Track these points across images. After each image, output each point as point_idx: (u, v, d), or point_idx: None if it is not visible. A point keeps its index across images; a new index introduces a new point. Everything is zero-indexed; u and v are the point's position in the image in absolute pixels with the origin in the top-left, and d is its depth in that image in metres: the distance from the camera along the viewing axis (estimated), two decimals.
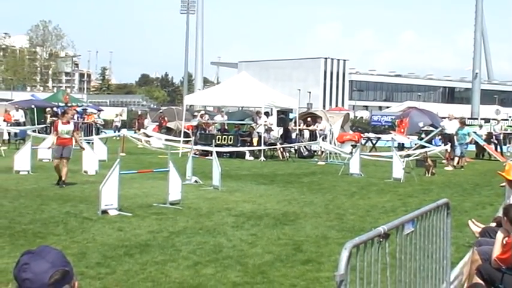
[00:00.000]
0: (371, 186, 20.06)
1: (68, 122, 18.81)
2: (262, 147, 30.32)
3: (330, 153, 29.64)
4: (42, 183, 18.21)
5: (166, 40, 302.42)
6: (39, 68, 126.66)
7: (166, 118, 44.02)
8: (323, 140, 31.79)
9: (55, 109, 46.06)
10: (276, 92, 38.06)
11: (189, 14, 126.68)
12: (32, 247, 8.69)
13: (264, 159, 29.79)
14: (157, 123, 44.19)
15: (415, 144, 32.46)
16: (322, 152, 31.00)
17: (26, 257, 2.88)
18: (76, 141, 19.14)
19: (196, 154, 27.75)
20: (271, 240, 11.15)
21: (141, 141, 34.55)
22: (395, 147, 27.95)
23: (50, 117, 42.90)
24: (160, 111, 50.59)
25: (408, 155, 26.89)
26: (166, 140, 34.56)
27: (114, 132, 43.70)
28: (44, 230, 11.44)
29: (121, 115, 59.38)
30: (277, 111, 34.52)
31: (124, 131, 33.56)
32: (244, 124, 34.91)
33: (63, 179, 17.95)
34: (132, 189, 16.93)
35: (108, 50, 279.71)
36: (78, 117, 43.84)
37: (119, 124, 52.24)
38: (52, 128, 20.79)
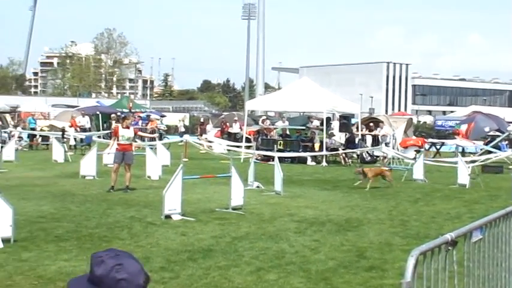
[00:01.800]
0: (435, 192, 19.73)
1: (128, 128, 18.88)
2: (324, 152, 30.18)
3: (393, 158, 29.29)
4: (107, 188, 18.45)
5: (227, 46, 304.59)
6: (104, 75, 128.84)
7: (228, 123, 44.22)
8: (386, 145, 31.44)
9: (119, 115, 46.76)
10: (337, 97, 37.86)
11: (250, 19, 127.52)
12: (98, 251, 8.78)
13: (326, 165, 29.65)
14: (219, 129, 44.41)
15: (481, 150, 31.85)
16: (385, 157, 30.67)
17: (114, 258, 2.81)
18: (137, 147, 19.05)
19: (258, 159, 27.77)
20: (334, 246, 11.07)
21: (204, 147, 34.76)
22: (459, 152, 27.45)
23: (115, 123, 43.56)
24: (222, 116, 50.90)
25: (473, 161, 26.36)
26: (228, 145, 34.70)
27: (181, 136, 44.14)
28: (110, 234, 11.60)
29: (183, 121, 59.98)
30: (339, 116, 34.31)
31: (187, 137, 33.80)
32: (305, 129, 34.81)
33: (127, 184, 18.18)
34: (194, 194, 17.05)
35: (171, 57, 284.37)
36: (142, 123, 44.42)
37: (182, 129, 52.72)
38: (112, 133, 21.00)
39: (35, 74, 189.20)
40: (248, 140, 34.73)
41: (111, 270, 2.72)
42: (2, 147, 27.30)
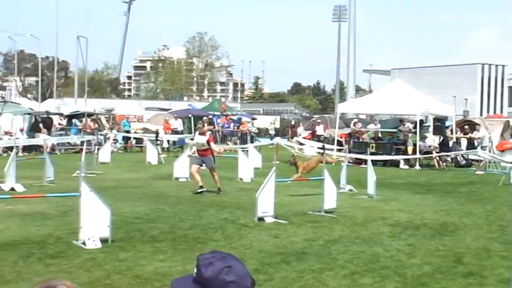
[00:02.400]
0: None
1: (204, 134, 18.80)
2: (417, 155, 29.70)
3: (489, 162, 28.54)
4: (198, 190, 18.69)
5: (318, 48, 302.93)
6: (195, 78, 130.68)
7: (319, 126, 44.14)
8: (482, 148, 30.65)
9: (211, 118, 47.33)
10: (431, 99, 37.17)
11: (340, 22, 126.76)
12: (193, 252, 8.95)
13: (419, 168, 29.17)
14: (310, 131, 44.36)
15: None
16: (480, 161, 29.91)
17: (222, 261, 2.83)
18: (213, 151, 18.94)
19: (350, 162, 27.56)
20: (430, 251, 10.86)
21: (295, 149, 34.77)
22: None
23: (207, 125, 44.13)
24: (313, 119, 50.81)
25: None
26: (319, 148, 34.61)
27: (271, 139, 44.35)
28: (203, 235, 11.74)
29: (274, 123, 60.22)
30: (433, 119, 33.69)
31: (278, 139, 33.90)
32: (398, 132, 34.33)
33: (218, 186, 18.33)
34: (287, 197, 17.07)
35: (261, 60, 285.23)
36: (233, 125, 44.85)
37: (272, 132, 52.93)
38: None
39: (129, 77, 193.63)
40: (339, 143, 34.53)
41: (220, 273, 2.74)
42: (98, 149, 28.06)
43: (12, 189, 17.43)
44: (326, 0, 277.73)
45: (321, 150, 32.15)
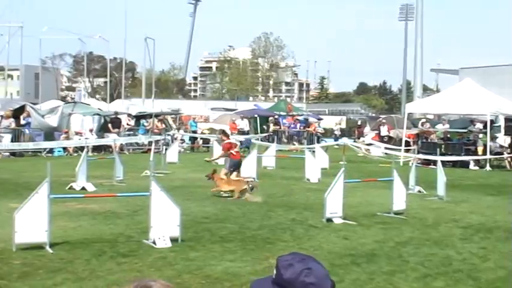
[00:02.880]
0: None
1: (228, 137, 20.58)
2: (488, 156, 29.11)
3: None
4: (268, 190, 18.70)
5: (384, 48, 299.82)
6: (260, 79, 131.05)
7: (386, 126, 43.72)
8: None
9: (277, 118, 47.38)
10: (503, 98, 36.35)
11: (407, 21, 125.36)
12: (262, 252, 8.95)
13: (490, 169, 28.59)
14: (377, 132, 43.98)
15: None
16: None
17: (302, 262, 2.81)
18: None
19: (419, 163, 27.19)
20: (504, 254, 10.61)
21: (361, 150, 34.56)
22: None
23: (273, 125, 44.18)
24: (380, 119, 50.36)
25: None
26: (386, 148, 34.31)
27: (335, 140, 44.16)
28: (272, 236, 11.73)
29: (340, 124, 59.92)
30: (505, 118, 32.97)
31: (345, 140, 33.74)
32: (467, 132, 33.73)
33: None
34: (355, 198, 16.92)
35: (327, 60, 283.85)
36: (300, 126, 44.74)
37: (338, 133, 52.67)
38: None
39: (195, 78, 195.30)
40: (407, 144, 34.13)
41: (300, 274, 2.71)
42: (166, 149, 28.38)
43: (83, 188, 17.75)
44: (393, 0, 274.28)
45: (388, 151, 31.95)
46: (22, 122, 33.33)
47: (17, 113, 33.62)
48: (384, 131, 42.35)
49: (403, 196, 14.81)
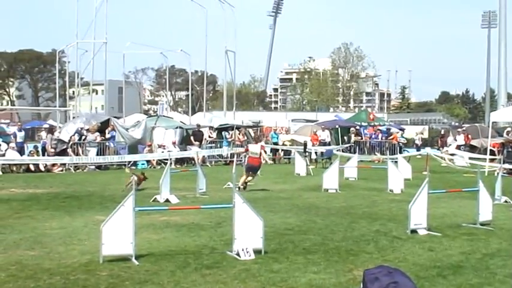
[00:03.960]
0: None
1: (257, 143, 23.62)
2: None
3: None
4: (350, 202, 18.60)
5: (466, 56, 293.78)
6: (341, 89, 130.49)
7: (469, 136, 42.83)
8: None
9: (358, 128, 46.98)
10: None
11: (490, 28, 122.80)
12: (346, 264, 8.88)
13: None
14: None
15: None
16: None
17: (388, 276, 2.79)
18: (264, 159, 22.60)
19: (504, 173, 26.49)
20: None
21: (445, 160, 33.93)
22: None
23: (354, 136, 43.83)
24: (463, 128, 49.38)
25: None
26: (470, 158, 33.58)
27: (417, 150, 43.49)
28: (356, 247, 11.62)
29: (422, 133, 59.03)
30: None
31: (428, 150, 33.20)
32: None
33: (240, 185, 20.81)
34: (439, 209, 16.61)
35: (407, 69, 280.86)
36: (382, 136, 44.24)
37: (419, 142, 51.84)
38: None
39: (275, 90, 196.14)
40: (492, 153, 33.34)
41: None
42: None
43: (167, 200, 18.00)
44: (475, 7, 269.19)
45: (472, 161, 31.25)
46: (107, 135, 34.13)
47: (102, 127, 34.46)
48: (460, 140, 41.33)
49: (489, 206, 14.45)
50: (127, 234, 10.24)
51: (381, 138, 43.65)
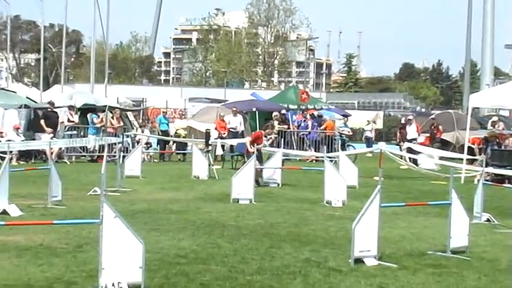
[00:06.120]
0: None
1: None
2: None
3: None
4: (270, 218, 18.73)
5: (439, 14, 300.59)
6: (261, 57, 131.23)
7: (440, 127, 43.72)
8: None
9: (284, 112, 47.28)
10: None
11: None
12: None
13: None
14: (428, 135, 43.98)
15: None
16: None
17: None
18: None
19: (487, 180, 27.19)
20: None
21: (405, 160, 34.56)
22: None
23: (279, 124, 44.10)
24: (432, 117, 50.40)
25: None
26: (441, 158, 34.31)
27: (368, 146, 44.16)
28: (277, 283, 11.72)
29: (374, 122, 59.96)
30: None
31: (382, 145, 33.69)
32: None
33: None
34: (396, 229, 16.94)
35: (356, 30, 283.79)
36: (312, 124, 44.64)
37: (370, 135, 52.68)
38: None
39: (166, 55, 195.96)
40: (471, 152, 34.14)
41: None
42: (123, 157, 28.29)
43: (4, 212, 17.73)
44: None
45: (445, 163, 31.96)
46: None
47: None
48: (411, 131, 41.22)
49: (465, 227, 14.79)
50: None
51: (312, 127, 44.08)
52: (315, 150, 40.75)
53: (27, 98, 41.06)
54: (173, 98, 67.81)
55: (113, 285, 10.58)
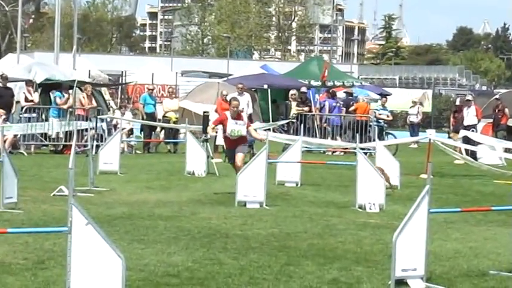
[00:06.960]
0: None
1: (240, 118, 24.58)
2: None
3: None
4: (287, 226, 18.73)
5: None
6: (274, 19, 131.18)
7: (506, 110, 43.67)
8: None
9: (304, 91, 47.23)
10: None
11: None
12: None
13: None
14: (491, 120, 43.95)
15: None
16: None
17: None
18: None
19: None
20: None
21: (461, 153, 34.51)
22: None
23: (298, 106, 44.08)
24: (496, 97, 50.30)
25: None
26: (507, 150, 34.26)
27: (412, 135, 44.09)
28: None
29: (421, 104, 59.85)
30: None
31: (431, 134, 33.62)
32: None
33: None
34: (449, 242, 16.93)
35: None
36: (337, 106, 44.54)
37: (415, 120, 52.62)
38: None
39: (152, 15, 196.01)
40: None
41: None
42: (97, 146, 28.27)
43: None
44: None
45: (511, 155, 31.91)
46: None
47: None
48: (469, 116, 41.15)
49: None
50: None
51: (339, 111, 43.99)
52: (343, 139, 40.74)
53: None
54: (161, 72, 67.61)
55: None
